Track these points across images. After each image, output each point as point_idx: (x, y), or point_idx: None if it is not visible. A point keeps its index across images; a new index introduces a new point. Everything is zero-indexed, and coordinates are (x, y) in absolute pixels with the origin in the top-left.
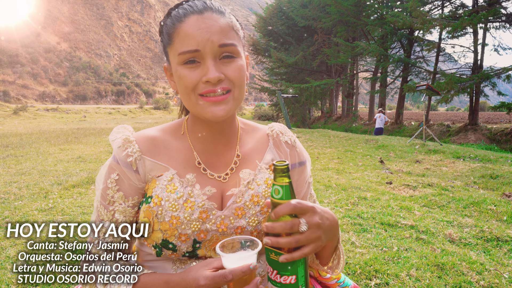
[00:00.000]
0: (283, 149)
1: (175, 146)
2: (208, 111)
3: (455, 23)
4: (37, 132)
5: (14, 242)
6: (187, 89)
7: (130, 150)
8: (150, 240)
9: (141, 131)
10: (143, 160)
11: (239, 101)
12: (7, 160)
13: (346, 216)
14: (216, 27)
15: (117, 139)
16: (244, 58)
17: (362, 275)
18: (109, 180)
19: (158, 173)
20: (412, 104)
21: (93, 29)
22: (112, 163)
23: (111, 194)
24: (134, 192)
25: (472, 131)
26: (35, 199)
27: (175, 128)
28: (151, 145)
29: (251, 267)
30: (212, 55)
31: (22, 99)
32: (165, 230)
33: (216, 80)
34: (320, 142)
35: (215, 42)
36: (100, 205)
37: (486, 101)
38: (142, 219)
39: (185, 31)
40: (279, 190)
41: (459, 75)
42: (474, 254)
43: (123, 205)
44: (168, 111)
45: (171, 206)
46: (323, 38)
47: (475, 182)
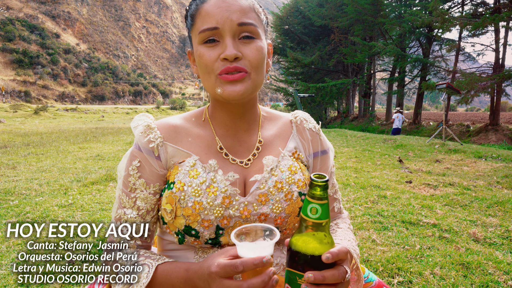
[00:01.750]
0: (306, 137)
1: (196, 132)
2: (225, 90)
3: (476, 21)
4: (57, 131)
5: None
6: (206, 67)
7: (152, 136)
8: (172, 226)
9: (162, 119)
10: (165, 146)
11: (256, 84)
12: (29, 158)
13: (366, 214)
14: (236, 6)
15: (139, 125)
16: (265, 42)
17: (384, 273)
18: (130, 167)
19: (180, 159)
20: (430, 105)
21: (111, 30)
22: (133, 150)
23: (133, 181)
24: (156, 179)
25: (493, 132)
26: (55, 196)
27: (196, 115)
28: (173, 132)
29: (264, 260)
30: (231, 34)
31: (42, 99)
32: (187, 216)
33: (233, 57)
34: (337, 142)
35: (234, 21)
36: (122, 193)
37: (507, 101)
38: (164, 205)
39: (206, 10)
40: (317, 209)
41: (479, 74)
42: (500, 254)
43: (145, 192)
44: (184, 111)
45: (194, 191)
46: (340, 37)
47: (498, 182)
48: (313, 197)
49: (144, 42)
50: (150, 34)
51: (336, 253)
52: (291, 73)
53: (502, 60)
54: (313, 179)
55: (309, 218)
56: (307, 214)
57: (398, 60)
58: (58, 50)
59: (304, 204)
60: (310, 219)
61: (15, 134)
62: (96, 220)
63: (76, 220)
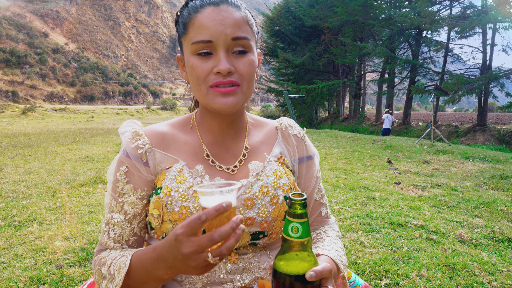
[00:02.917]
0: (291, 142)
1: (183, 139)
2: (216, 102)
3: (464, 23)
4: (45, 132)
5: (22, 240)
6: (198, 79)
7: (141, 143)
8: (160, 231)
9: (150, 126)
10: (153, 152)
11: (247, 96)
12: (16, 160)
13: (355, 216)
14: (230, 20)
15: (126, 131)
16: (256, 54)
17: (372, 275)
18: (118, 172)
19: (168, 165)
20: (419, 105)
21: (101, 30)
22: (121, 156)
23: (121, 186)
24: (143, 184)
25: (480, 132)
26: (43, 198)
27: (184, 122)
28: (160, 139)
29: (224, 205)
30: (225, 47)
31: (30, 99)
32: (174, 221)
33: (227, 72)
34: (328, 143)
35: (228, 35)
36: (111, 198)
37: (494, 102)
38: (151, 210)
39: (200, 21)
40: (298, 228)
41: (467, 75)
42: (485, 255)
43: (132, 197)
44: (175, 111)
45: (181, 196)
46: (330, 38)
47: (484, 182)
48: (294, 215)
49: (134, 42)
50: (140, 34)
51: (320, 271)
52: (282, 73)
53: (489, 61)
54: (292, 198)
55: (291, 237)
56: (289, 234)
57: (387, 62)
58: (47, 50)
59: (285, 224)
60: (292, 238)
61: (2, 135)
62: (84, 222)
63: (65, 223)
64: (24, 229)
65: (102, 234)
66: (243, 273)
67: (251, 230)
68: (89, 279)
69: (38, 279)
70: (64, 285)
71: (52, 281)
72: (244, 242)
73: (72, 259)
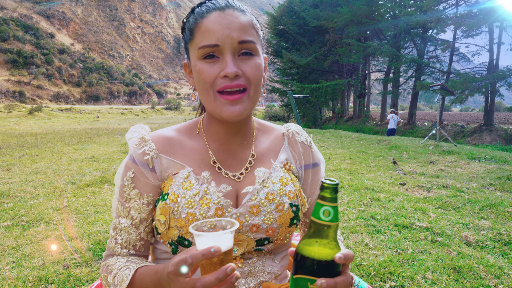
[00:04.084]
0: (297, 149)
1: (190, 145)
2: (224, 110)
3: (470, 21)
4: (52, 132)
5: (30, 239)
6: (205, 84)
7: (147, 148)
8: (166, 237)
9: (157, 131)
10: (160, 158)
11: (254, 101)
12: (23, 160)
13: (359, 218)
14: (236, 24)
15: (133, 137)
16: (262, 58)
17: (376, 277)
18: (125, 178)
19: (174, 171)
20: (425, 105)
21: (106, 30)
22: (128, 162)
23: (127, 191)
24: (149, 190)
25: (487, 132)
26: (50, 198)
27: (191, 127)
28: (167, 144)
29: (212, 250)
30: (231, 51)
31: (37, 99)
32: (181, 227)
33: (234, 75)
34: (332, 143)
35: (234, 39)
36: (118, 202)
37: (501, 101)
38: (158, 216)
39: (206, 26)
40: (330, 212)
41: (473, 74)
42: (491, 258)
43: (138, 202)
44: (179, 111)
45: (187, 203)
46: (335, 38)
47: (491, 183)
48: (325, 199)
49: (139, 42)
50: (145, 34)
51: (347, 254)
52: (286, 73)
53: (496, 60)
54: (325, 181)
55: (322, 220)
56: (320, 217)
57: (393, 61)
58: (53, 50)
59: (315, 207)
60: (322, 221)
61: (10, 135)
62: (91, 223)
63: (71, 223)
64: (32, 228)
65: (110, 239)
66: (248, 277)
67: (256, 237)
68: (96, 280)
69: (46, 279)
70: (71, 285)
71: (59, 281)
72: (249, 248)
73: (79, 259)
